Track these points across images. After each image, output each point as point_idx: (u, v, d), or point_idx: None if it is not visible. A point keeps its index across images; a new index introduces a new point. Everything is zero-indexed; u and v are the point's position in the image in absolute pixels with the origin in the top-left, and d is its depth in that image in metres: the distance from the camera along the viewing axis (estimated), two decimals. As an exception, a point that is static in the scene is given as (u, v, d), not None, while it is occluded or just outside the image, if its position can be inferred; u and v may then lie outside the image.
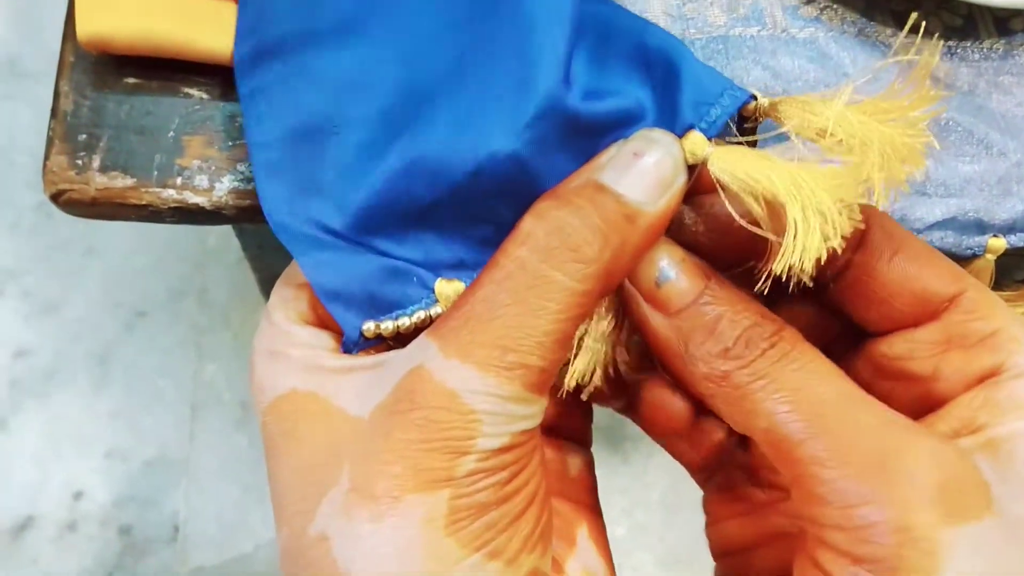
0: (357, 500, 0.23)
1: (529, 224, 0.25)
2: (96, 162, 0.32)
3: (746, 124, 0.27)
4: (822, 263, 0.24)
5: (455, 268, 0.28)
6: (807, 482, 0.24)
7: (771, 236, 0.25)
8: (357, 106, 0.28)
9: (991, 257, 0.33)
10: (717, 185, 0.25)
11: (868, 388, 0.25)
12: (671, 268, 0.26)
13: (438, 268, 0.28)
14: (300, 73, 0.29)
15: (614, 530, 1.06)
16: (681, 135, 0.26)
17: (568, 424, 0.31)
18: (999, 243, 0.33)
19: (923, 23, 0.36)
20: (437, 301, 0.27)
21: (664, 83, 0.27)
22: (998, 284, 0.35)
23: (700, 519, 0.33)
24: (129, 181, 0.31)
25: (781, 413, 0.24)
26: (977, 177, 0.34)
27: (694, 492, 0.33)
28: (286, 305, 0.28)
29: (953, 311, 0.26)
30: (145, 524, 0.95)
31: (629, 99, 0.27)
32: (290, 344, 0.27)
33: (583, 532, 0.29)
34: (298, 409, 0.26)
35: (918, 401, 0.26)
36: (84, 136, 0.32)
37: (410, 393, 0.24)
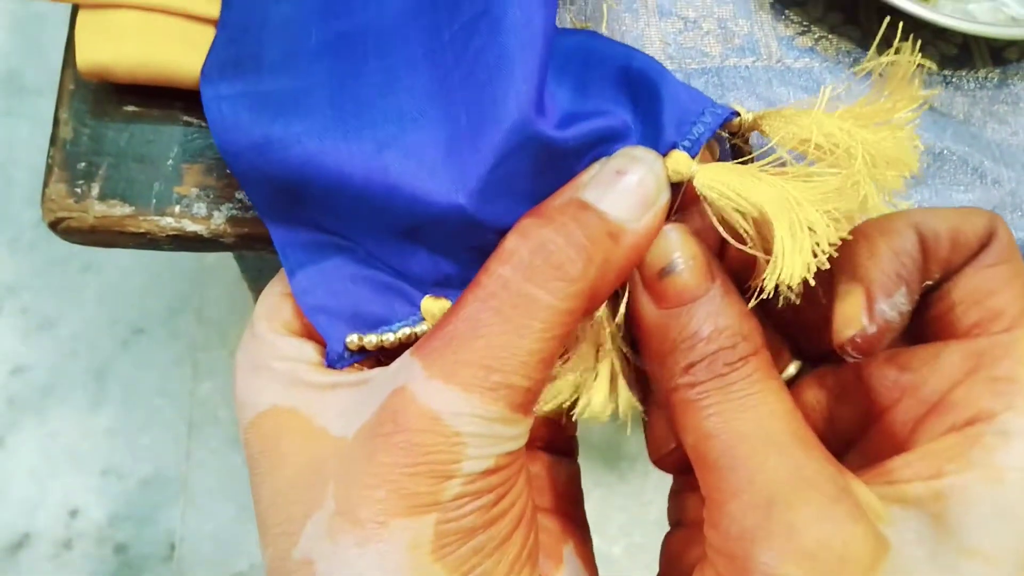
0: (342, 524, 0.23)
1: (512, 242, 0.25)
2: (95, 190, 0.32)
3: (734, 140, 0.27)
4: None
5: (442, 285, 0.27)
6: (709, 505, 0.24)
7: (759, 254, 0.25)
8: (337, 118, 0.28)
9: (986, 287, 0.33)
10: (704, 203, 0.25)
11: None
12: (680, 261, 0.26)
13: (425, 284, 0.28)
14: (278, 84, 0.29)
15: (611, 549, 1.05)
16: (664, 154, 0.26)
17: (553, 436, 0.30)
18: (993, 272, 0.33)
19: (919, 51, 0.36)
20: (423, 319, 0.27)
21: (646, 104, 0.27)
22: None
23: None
24: (127, 209, 0.32)
25: (708, 437, 0.24)
26: (972, 206, 0.34)
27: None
28: (270, 315, 0.28)
29: (997, 337, 0.25)
30: (141, 542, 0.94)
31: (612, 119, 0.27)
32: (272, 357, 0.27)
33: (569, 549, 0.28)
34: (279, 427, 0.26)
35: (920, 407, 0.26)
36: (83, 164, 0.32)
37: (393, 415, 0.23)
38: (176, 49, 0.31)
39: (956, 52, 0.37)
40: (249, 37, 0.30)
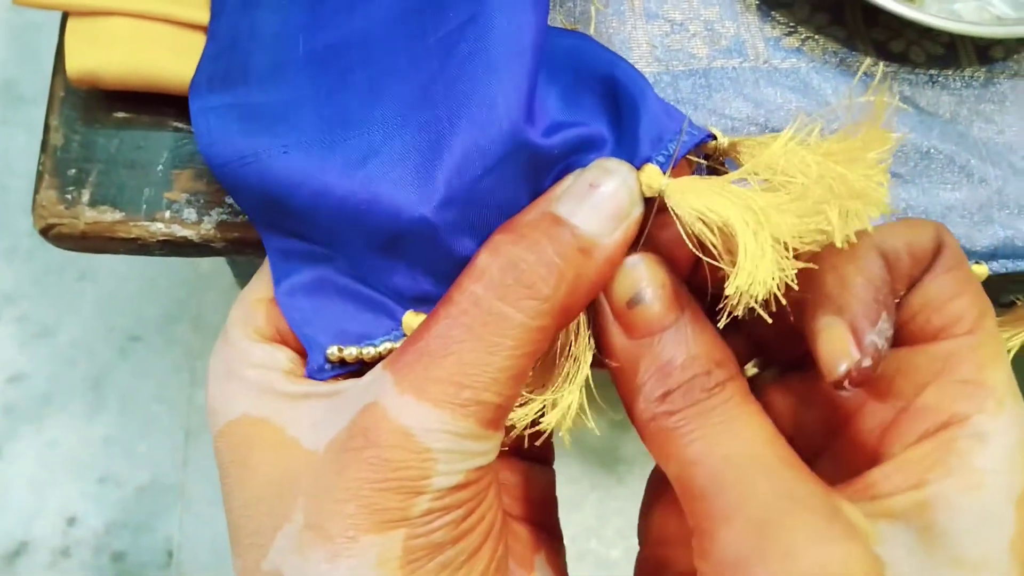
0: (311, 539, 0.23)
1: (484, 259, 0.25)
2: (85, 196, 0.32)
3: (708, 163, 0.28)
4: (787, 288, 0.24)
5: (422, 301, 0.27)
6: (698, 534, 0.24)
7: (728, 268, 0.25)
8: (323, 129, 0.28)
9: (973, 284, 0.34)
10: (674, 217, 0.25)
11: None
12: (648, 291, 0.26)
13: (406, 299, 0.27)
14: (265, 97, 0.29)
15: (609, 553, 1.05)
16: (638, 167, 0.26)
17: (528, 444, 0.30)
18: (982, 270, 0.33)
19: (905, 52, 0.36)
20: (405, 335, 0.27)
21: (625, 118, 0.27)
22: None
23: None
24: (118, 215, 0.32)
25: (691, 465, 0.24)
26: (959, 204, 0.34)
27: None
28: (243, 321, 0.28)
29: (960, 340, 0.25)
30: (139, 550, 0.94)
31: (591, 128, 0.27)
32: (244, 364, 0.27)
33: (541, 557, 0.28)
34: (249, 436, 0.26)
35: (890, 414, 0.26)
36: (73, 171, 0.32)
37: (364, 430, 0.24)
38: (165, 55, 0.31)
39: (942, 51, 0.37)
40: (237, 50, 0.30)
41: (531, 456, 0.31)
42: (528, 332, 0.24)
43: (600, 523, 0.96)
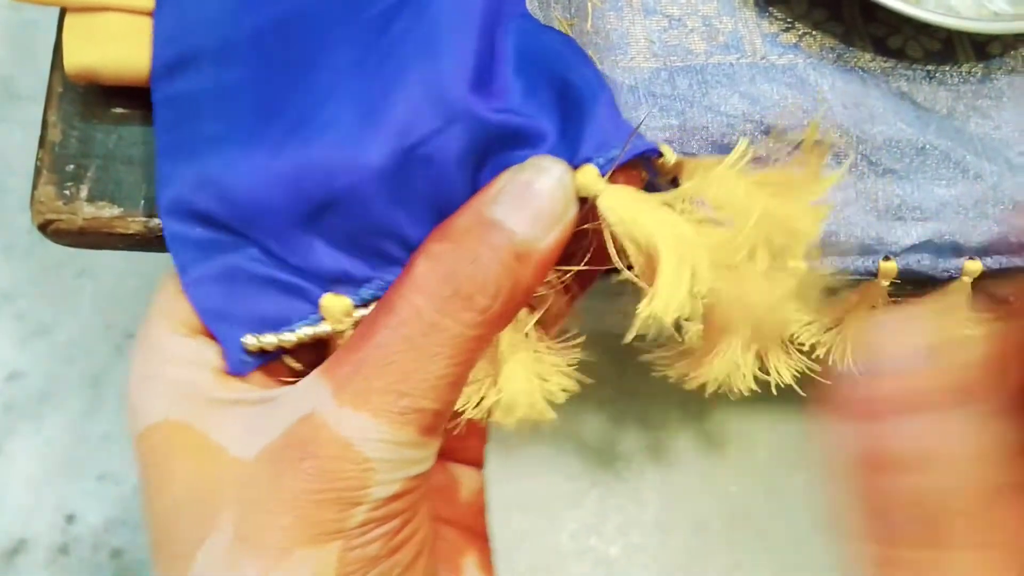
0: (243, 551, 0.23)
1: (422, 267, 0.25)
2: (84, 192, 0.32)
3: (660, 179, 0.27)
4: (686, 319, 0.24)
5: (341, 282, 0.27)
6: None
7: (644, 285, 0.24)
8: (258, 103, 0.27)
9: (968, 279, 0.34)
10: (604, 224, 0.25)
11: None
12: (910, 355, 0.18)
13: (324, 281, 0.27)
14: (213, 83, 0.29)
15: (609, 549, 1.05)
16: (576, 167, 0.26)
17: (460, 447, 0.30)
18: (975, 266, 0.33)
19: (903, 48, 0.36)
20: (323, 318, 0.27)
21: (573, 120, 0.27)
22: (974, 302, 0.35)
23: (695, 539, 0.33)
24: (116, 211, 0.32)
25: None
26: (953, 200, 0.34)
27: (689, 511, 0.33)
28: (166, 313, 0.27)
29: None
30: (137, 547, 0.94)
31: (536, 122, 0.26)
32: (168, 362, 0.26)
33: (471, 561, 0.29)
34: (170, 441, 0.25)
35: None
36: (72, 166, 0.32)
37: (302, 441, 0.23)
38: (163, 51, 0.31)
39: (940, 47, 0.37)
40: (188, 29, 0.30)
41: (461, 459, 0.31)
42: (467, 341, 0.24)
43: (599, 520, 0.96)
